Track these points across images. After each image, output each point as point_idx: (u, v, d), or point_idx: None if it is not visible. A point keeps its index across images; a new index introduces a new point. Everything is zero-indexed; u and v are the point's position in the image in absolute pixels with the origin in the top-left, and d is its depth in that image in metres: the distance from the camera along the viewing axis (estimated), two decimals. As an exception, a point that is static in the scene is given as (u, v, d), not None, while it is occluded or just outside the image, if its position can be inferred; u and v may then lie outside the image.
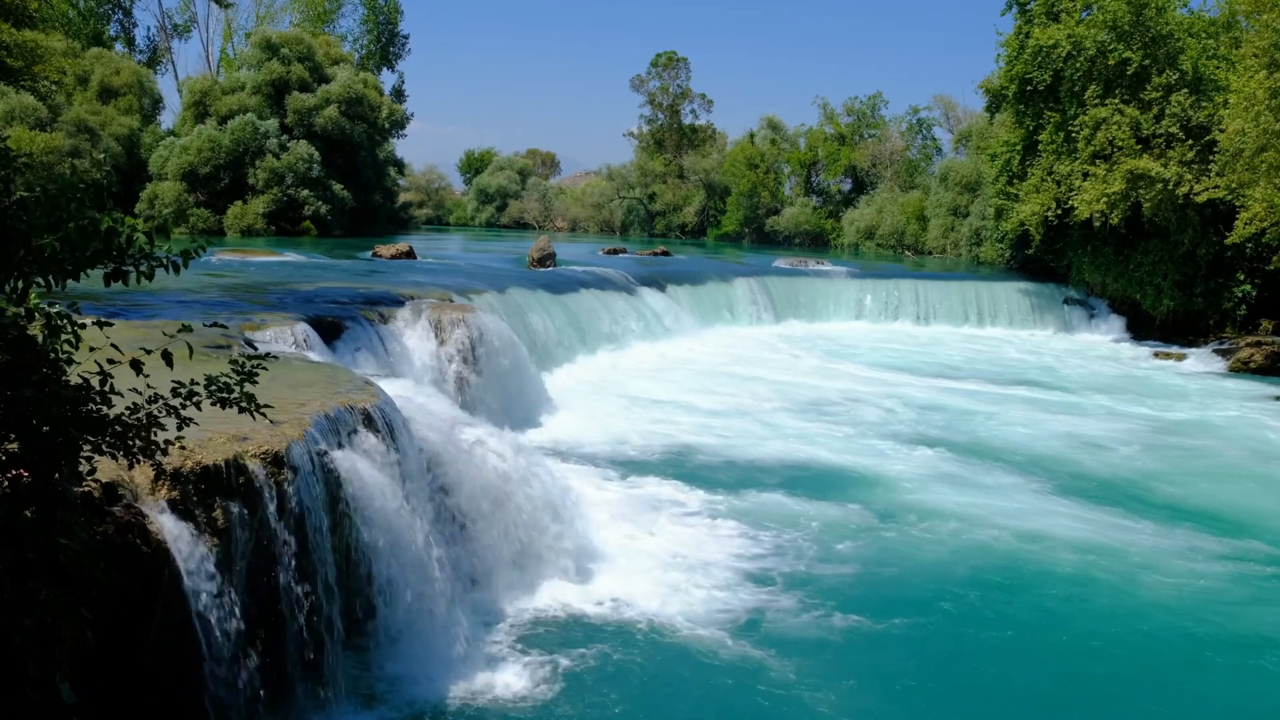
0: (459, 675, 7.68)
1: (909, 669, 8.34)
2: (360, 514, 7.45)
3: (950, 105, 62.57)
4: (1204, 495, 13.72)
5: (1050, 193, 31.11)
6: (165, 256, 4.33)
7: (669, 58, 71.06)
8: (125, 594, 5.22)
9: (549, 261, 30.37)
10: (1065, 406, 19.80)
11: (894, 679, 8.14)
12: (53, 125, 41.92)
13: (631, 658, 8.24)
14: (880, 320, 32.19)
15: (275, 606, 6.65)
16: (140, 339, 4.87)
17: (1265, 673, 8.55)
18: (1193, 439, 17.37)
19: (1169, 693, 8.21)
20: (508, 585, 9.24)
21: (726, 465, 14.27)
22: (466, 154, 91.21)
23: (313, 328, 13.12)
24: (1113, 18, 29.33)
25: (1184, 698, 8.16)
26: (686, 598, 9.38)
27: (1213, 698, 8.18)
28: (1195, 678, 8.52)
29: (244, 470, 6.48)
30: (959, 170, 48.68)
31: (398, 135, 56.47)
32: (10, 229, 4.02)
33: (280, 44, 48.82)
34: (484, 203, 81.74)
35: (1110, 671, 8.47)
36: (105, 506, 5.54)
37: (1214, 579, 10.49)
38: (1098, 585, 10.17)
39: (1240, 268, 29.26)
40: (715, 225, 67.73)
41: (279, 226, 45.00)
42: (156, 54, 63.63)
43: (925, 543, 11.28)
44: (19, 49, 25.71)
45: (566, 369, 20.27)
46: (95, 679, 4.87)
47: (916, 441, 16.08)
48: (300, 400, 8.00)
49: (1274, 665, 8.66)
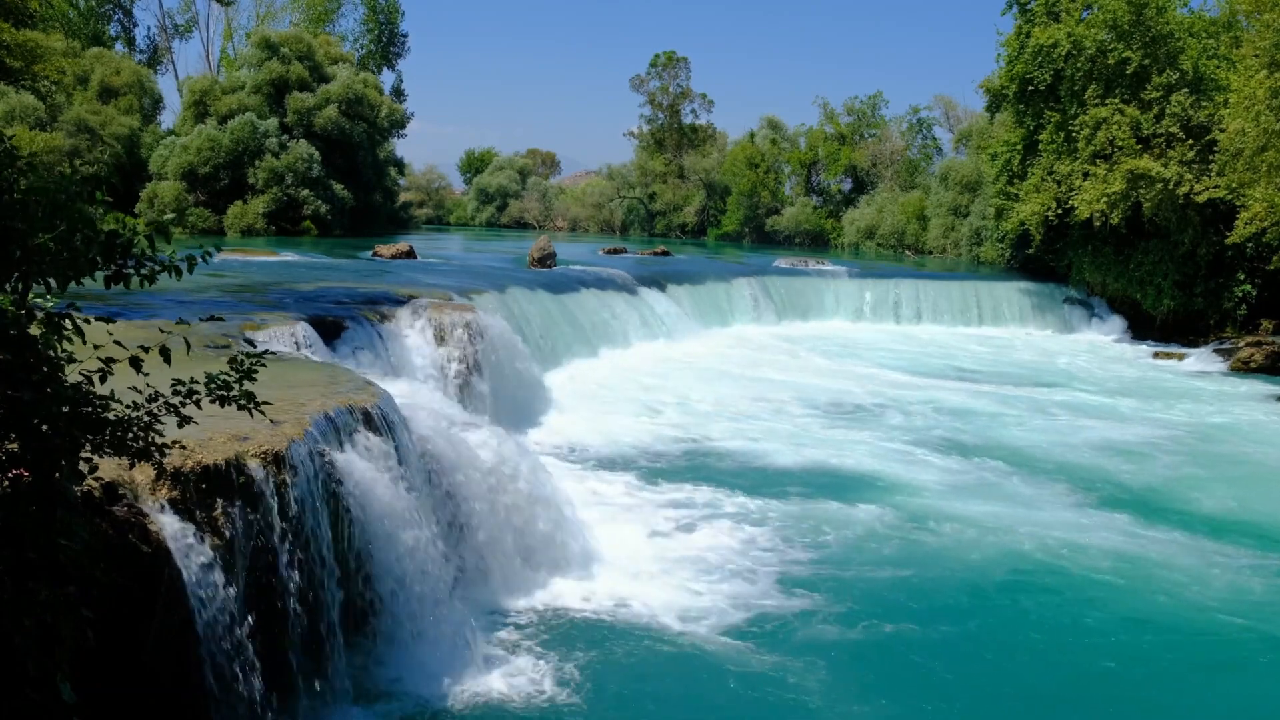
0: (460, 674, 7.67)
1: (918, 672, 8.33)
2: (360, 514, 7.45)
3: (950, 105, 62.66)
4: (1240, 502, 13.56)
5: (1050, 192, 31.10)
6: (169, 261, 4.31)
7: (669, 57, 71.06)
8: (125, 594, 5.21)
9: (549, 261, 30.36)
10: (1080, 408, 19.75)
11: (895, 680, 8.14)
12: (53, 125, 41.93)
13: (633, 658, 8.23)
14: (881, 320, 32.18)
15: (276, 606, 6.64)
16: (141, 339, 4.85)
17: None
18: (1227, 444, 17.08)
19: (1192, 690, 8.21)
20: (508, 585, 9.23)
21: (728, 465, 14.26)
22: (466, 154, 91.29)
23: (313, 327, 13.11)
24: (1113, 17, 29.33)
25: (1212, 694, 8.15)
26: (688, 598, 9.37)
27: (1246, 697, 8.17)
28: (1232, 677, 8.52)
29: (244, 470, 6.47)
30: (959, 170, 48.69)
31: (398, 135, 56.49)
32: (10, 229, 4.02)
33: (280, 43, 48.82)
34: (484, 202, 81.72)
35: (1130, 671, 8.47)
36: (106, 506, 5.53)
37: (1246, 584, 10.40)
38: (1128, 592, 10.03)
39: (1240, 267, 29.26)
40: (715, 225, 67.73)
41: (279, 226, 44.98)
42: (157, 54, 63.67)
43: (935, 545, 11.27)
44: (19, 48, 25.69)
45: (567, 369, 20.26)
46: (95, 679, 4.86)
47: (919, 444, 16.08)
48: (300, 400, 8.00)
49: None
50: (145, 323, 11.63)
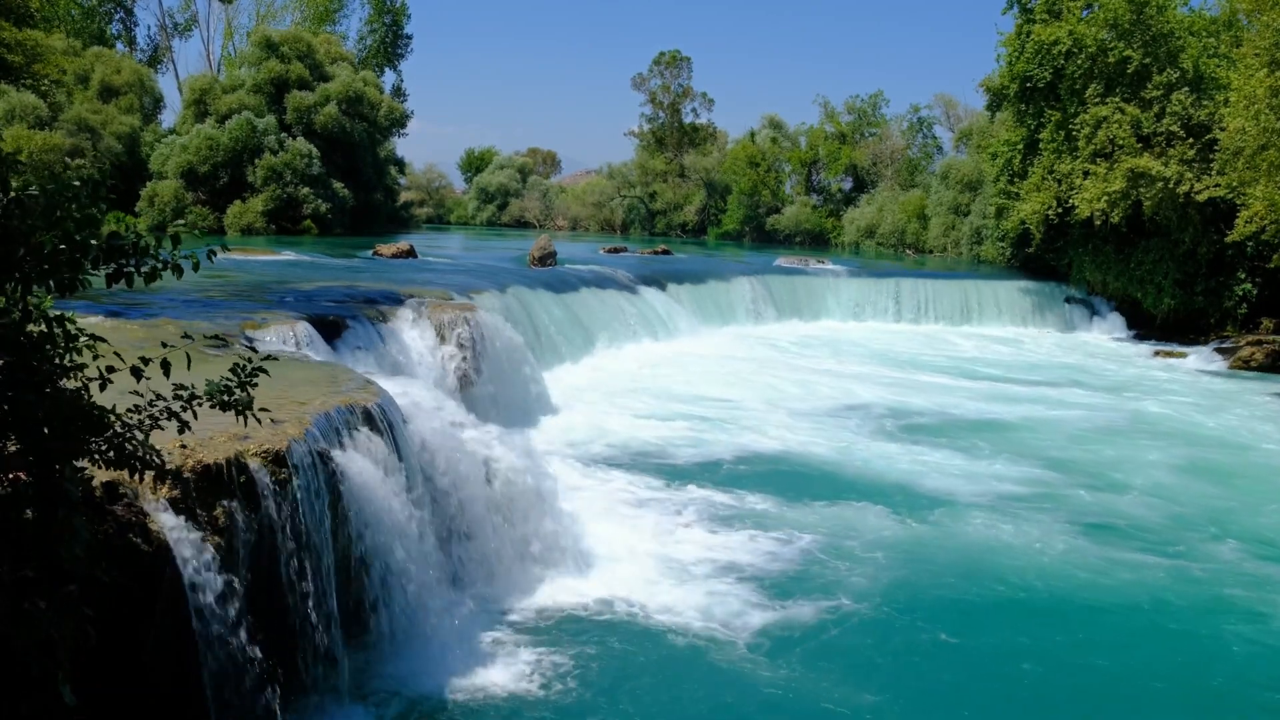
0: (460, 673, 7.69)
1: (921, 677, 8.34)
2: (361, 512, 7.46)
3: (951, 104, 62.56)
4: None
5: (1051, 191, 31.10)
6: (172, 259, 4.32)
7: (671, 56, 70.98)
8: (126, 593, 5.22)
9: (550, 260, 30.35)
10: (1081, 406, 19.78)
11: (906, 686, 8.15)
12: (53, 124, 41.91)
13: (633, 657, 8.24)
14: (882, 319, 32.17)
15: (276, 605, 6.65)
16: (141, 339, 4.87)
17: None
18: (1227, 444, 16.97)
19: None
20: (509, 583, 9.24)
21: (729, 464, 14.26)
22: (467, 153, 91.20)
23: (314, 326, 13.12)
24: (1114, 16, 29.33)
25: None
26: (688, 597, 9.38)
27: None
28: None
29: (245, 469, 6.48)
30: (960, 169, 48.64)
31: (398, 134, 56.40)
32: (10, 229, 4.02)
33: (280, 42, 48.78)
34: (485, 202, 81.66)
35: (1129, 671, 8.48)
36: (106, 505, 5.54)
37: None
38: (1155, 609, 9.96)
39: (1241, 266, 29.25)
40: (716, 224, 67.68)
41: (279, 225, 44.93)
42: (158, 53, 63.62)
43: (930, 538, 11.29)
44: (20, 48, 25.69)
45: (568, 368, 20.26)
46: (96, 679, 4.87)
47: (919, 443, 16.09)
48: (301, 399, 8.01)
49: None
50: (146, 323, 11.65)
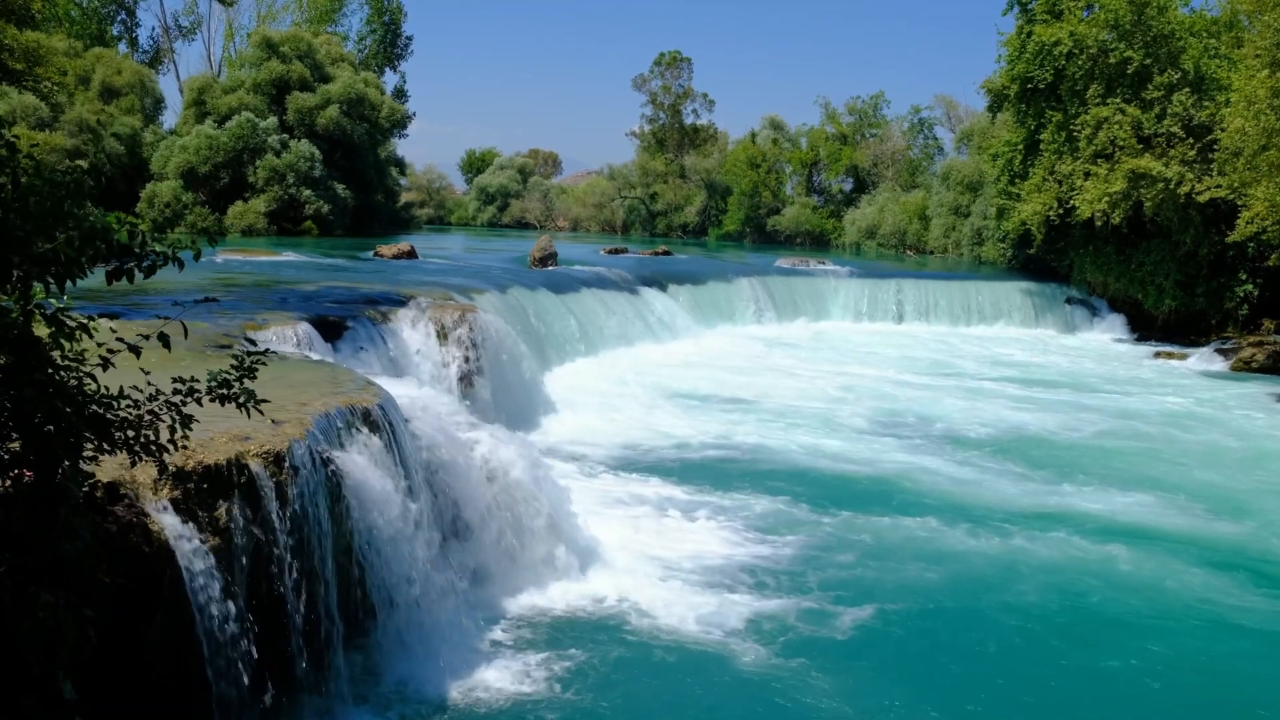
0: (460, 674, 7.68)
1: (923, 679, 8.33)
2: (361, 513, 7.45)
3: (952, 105, 62.61)
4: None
5: (1052, 192, 31.09)
6: (171, 252, 4.34)
7: (672, 57, 71.01)
8: (127, 594, 5.22)
9: (550, 261, 30.35)
10: (1083, 406, 19.77)
11: (904, 685, 8.14)
12: (54, 125, 41.94)
13: (633, 658, 8.24)
14: (883, 320, 32.15)
15: (277, 606, 6.65)
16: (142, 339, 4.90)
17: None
18: (1228, 445, 16.90)
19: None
20: (509, 584, 9.24)
21: (729, 465, 14.25)
22: (468, 153, 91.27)
23: (314, 327, 13.12)
24: (1114, 17, 29.32)
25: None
26: (689, 599, 9.37)
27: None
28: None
29: (246, 470, 6.48)
30: (960, 170, 48.63)
31: (399, 135, 56.51)
32: (9, 228, 4.02)
33: (280, 43, 48.80)
34: (485, 202, 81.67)
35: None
36: (107, 506, 5.54)
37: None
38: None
39: (1242, 267, 29.24)
40: (716, 225, 67.69)
41: (280, 226, 44.94)
42: (159, 54, 63.66)
43: (927, 538, 11.28)
44: (21, 50, 25.70)
45: (568, 368, 20.27)
46: (97, 679, 4.87)
47: (919, 442, 16.08)
48: (302, 400, 8.01)
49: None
50: (146, 323, 11.64)
